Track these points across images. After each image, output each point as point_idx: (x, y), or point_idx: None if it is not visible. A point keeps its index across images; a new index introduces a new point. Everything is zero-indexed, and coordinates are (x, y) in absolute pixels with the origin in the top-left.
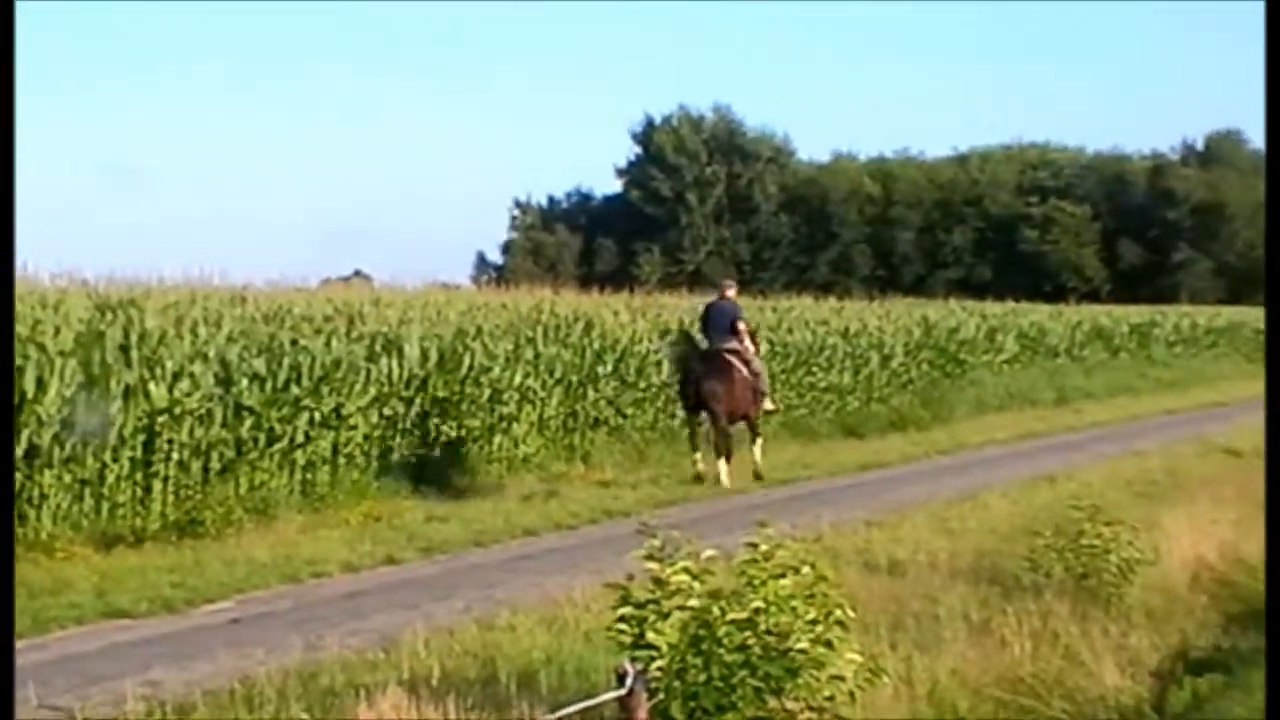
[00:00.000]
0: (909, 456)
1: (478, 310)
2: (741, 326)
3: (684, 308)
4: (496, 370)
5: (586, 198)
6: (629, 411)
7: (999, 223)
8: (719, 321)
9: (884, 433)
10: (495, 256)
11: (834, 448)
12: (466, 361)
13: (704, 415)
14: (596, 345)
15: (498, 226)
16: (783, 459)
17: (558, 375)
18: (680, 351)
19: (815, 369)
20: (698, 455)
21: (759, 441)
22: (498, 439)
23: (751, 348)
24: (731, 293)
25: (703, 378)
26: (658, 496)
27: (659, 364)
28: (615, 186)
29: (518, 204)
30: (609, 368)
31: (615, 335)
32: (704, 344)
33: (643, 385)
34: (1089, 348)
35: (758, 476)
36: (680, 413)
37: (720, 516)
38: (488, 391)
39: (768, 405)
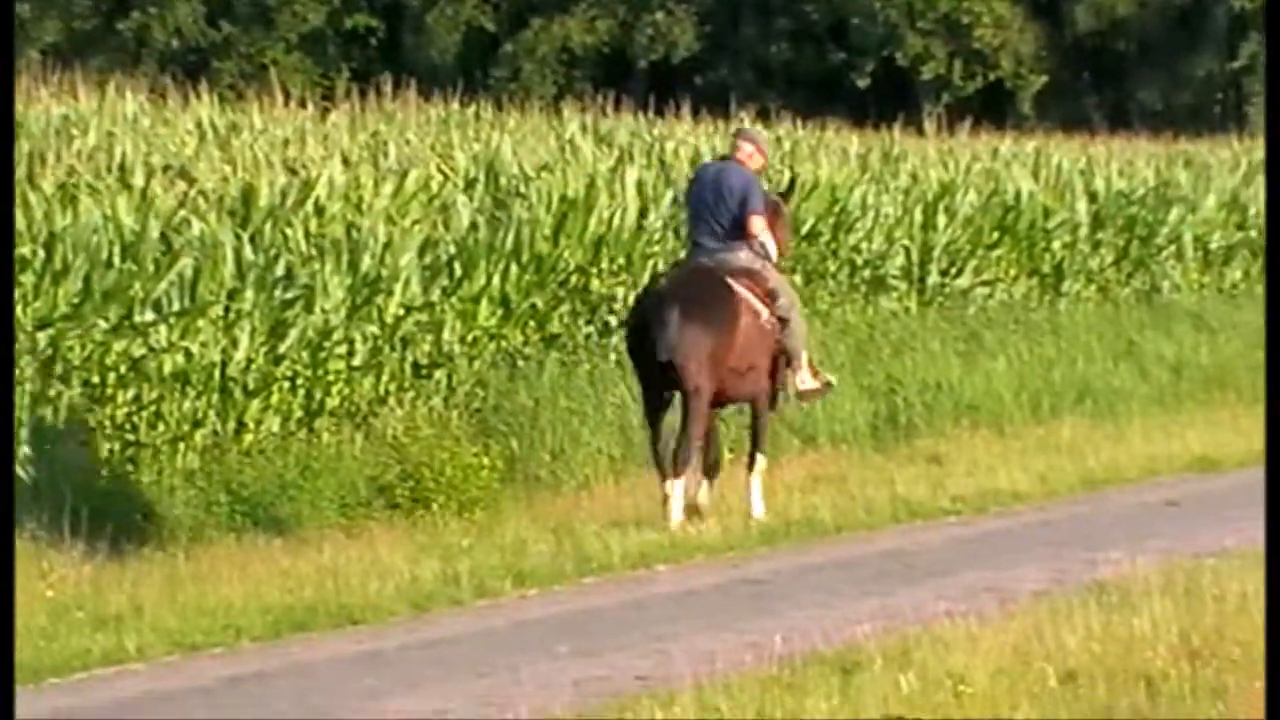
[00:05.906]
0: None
1: None
2: (759, 221)
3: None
4: None
5: None
6: None
7: None
8: (715, 206)
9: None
10: None
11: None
12: None
13: (665, 395)
14: None
15: None
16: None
17: None
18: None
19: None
20: (670, 482)
21: (760, 460)
22: None
23: (773, 263)
24: (748, 153)
25: (673, 319)
26: None
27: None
28: None
29: None
30: None
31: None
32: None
33: None
34: None
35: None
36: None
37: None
38: None
39: (804, 381)
